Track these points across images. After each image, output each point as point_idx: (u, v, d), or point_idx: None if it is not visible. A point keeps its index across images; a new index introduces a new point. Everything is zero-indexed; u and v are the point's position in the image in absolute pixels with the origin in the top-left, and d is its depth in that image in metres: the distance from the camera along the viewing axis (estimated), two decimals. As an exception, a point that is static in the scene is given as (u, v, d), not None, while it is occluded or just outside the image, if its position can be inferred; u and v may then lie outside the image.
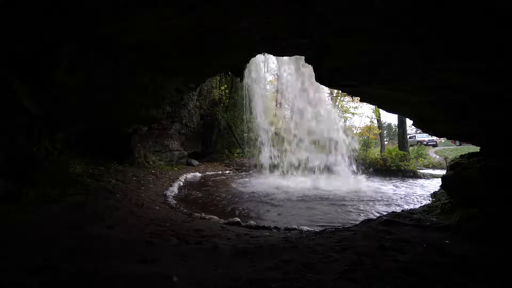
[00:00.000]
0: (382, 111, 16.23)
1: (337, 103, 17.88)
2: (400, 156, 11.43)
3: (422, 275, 2.00)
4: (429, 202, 5.39)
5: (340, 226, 4.00)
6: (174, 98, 8.25)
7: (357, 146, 10.08)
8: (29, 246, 2.55)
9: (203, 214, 4.74)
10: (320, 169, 9.56)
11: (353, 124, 20.14)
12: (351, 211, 5.36)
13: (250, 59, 6.73)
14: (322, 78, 4.19)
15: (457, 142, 23.42)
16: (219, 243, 3.01)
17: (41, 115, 4.53)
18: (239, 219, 4.41)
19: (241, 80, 10.30)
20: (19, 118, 4.31)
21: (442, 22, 2.24)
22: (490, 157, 3.58)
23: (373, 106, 15.28)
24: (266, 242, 3.08)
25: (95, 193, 5.10)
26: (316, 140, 9.75)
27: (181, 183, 8.05)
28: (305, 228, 4.11)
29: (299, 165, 10.00)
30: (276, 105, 16.33)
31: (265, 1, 2.80)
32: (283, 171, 10.15)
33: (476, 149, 4.31)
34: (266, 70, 11.19)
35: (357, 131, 18.11)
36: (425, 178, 10.05)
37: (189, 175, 9.57)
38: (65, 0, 3.19)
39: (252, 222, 4.33)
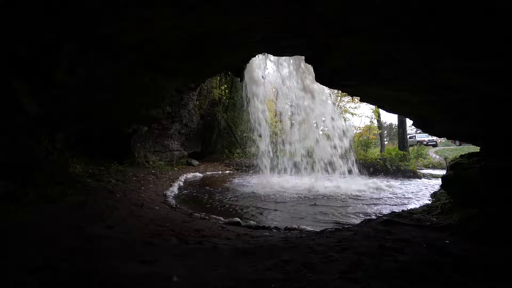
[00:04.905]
0: (382, 111, 16.25)
1: (336, 103, 17.89)
2: (400, 156, 11.44)
3: (422, 275, 1.99)
4: (429, 202, 5.39)
5: (340, 226, 4.00)
6: (174, 98, 8.26)
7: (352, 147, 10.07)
8: (29, 246, 2.54)
9: (203, 214, 4.74)
10: (319, 170, 9.56)
11: (353, 124, 20.15)
12: (351, 211, 5.36)
13: (250, 59, 6.73)
14: (322, 78, 4.19)
15: (457, 142, 23.42)
16: (219, 243, 3.01)
17: (41, 115, 4.52)
18: (239, 219, 4.41)
19: (241, 80, 10.29)
20: (19, 118, 4.31)
21: (442, 22, 2.24)
22: (490, 157, 3.58)
23: (373, 106, 15.31)
24: (266, 242, 3.08)
25: (95, 193, 5.10)
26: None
27: (181, 183, 8.04)
28: (305, 228, 4.11)
29: (299, 165, 10.01)
30: (276, 106, 16.33)
31: (265, 1, 2.80)
32: (283, 171, 10.16)
33: (476, 149, 4.31)
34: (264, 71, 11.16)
35: (357, 131, 18.11)
36: (425, 178, 10.04)
37: (189, 175, 9.57)
38: (65, 0, 3.19)
39: (252, 222, 4.33)
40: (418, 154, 15.96)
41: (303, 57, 4.48)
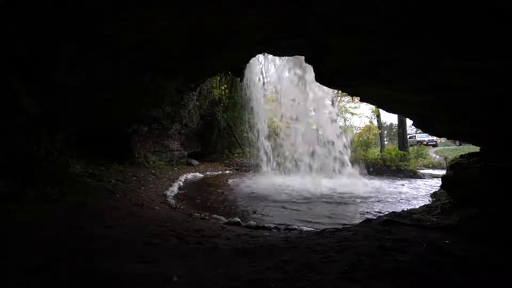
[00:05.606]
0: (382, 111, 16.27)
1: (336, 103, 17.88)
2: (400, 156, 11.44)
3: (422, 275, 2.00)
4: (429, 202, 5.39)
5: (340, 226, 4.00)
6: (174, 98, 8.27)
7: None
8: (29, 246, 2.54)
9: (203, 214, 4.74)
10: (319, 170, 9.56)
11: (352, 124, 20.15)
12: (351, 211, 5.36)
13: (250, 59, 6.73)
14: (322, 78, 4.19)
15: (457, 142, 23.43)
16: (219, 243, 3.01)
17: (41, 115, 4.52)
18: (239, 219, 4.41)
19: (241, 80, 10.30)
20: (19, 118, 4.31)
21: (442, 22, 2.24)
22: (490, 157, 3.58)
23: (373, 106, 15.31)
24: (266, 242, 3.08)
25: (95, 193, 5.10)
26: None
27: (181, 183, 8.04)
28: (305, 228, 4.11)
29: (299, 165, 10.01)
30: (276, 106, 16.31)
31: (265, 1, 2.80)
32: (283, 171, 10.16)
33: (476, 149, 4.31)
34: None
35: (357, 131, 18.11)
36: (425, 178, 10.04)
37: (189, 175, 9.57)
38: (65, 0, 3.19)
39: (252, 222, 4.33)
40: (418, 154, 15.97)
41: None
